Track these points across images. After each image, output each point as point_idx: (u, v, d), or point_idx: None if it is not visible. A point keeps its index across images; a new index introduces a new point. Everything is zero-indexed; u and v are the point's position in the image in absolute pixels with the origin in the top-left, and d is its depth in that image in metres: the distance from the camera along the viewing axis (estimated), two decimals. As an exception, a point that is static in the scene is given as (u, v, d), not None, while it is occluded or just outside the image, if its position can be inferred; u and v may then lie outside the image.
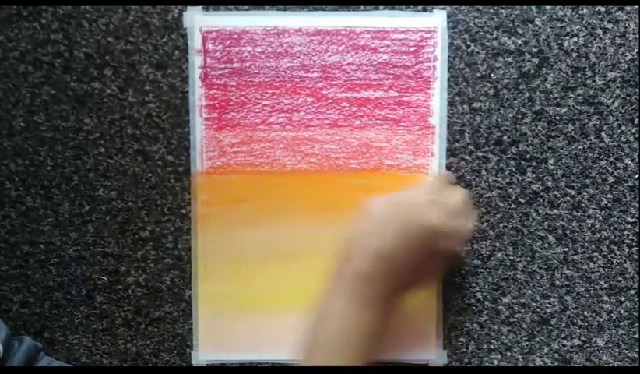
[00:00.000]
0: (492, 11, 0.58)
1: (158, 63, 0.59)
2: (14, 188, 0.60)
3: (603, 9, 0.58)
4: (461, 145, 0.59)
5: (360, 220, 0.52)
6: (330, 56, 0.59)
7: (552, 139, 0.59)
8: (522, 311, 0.60)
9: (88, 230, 0.60)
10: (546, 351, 0.60)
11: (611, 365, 0.60)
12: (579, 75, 0.59)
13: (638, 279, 0.59)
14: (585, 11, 0.58)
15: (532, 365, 0.61)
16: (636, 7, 0.58)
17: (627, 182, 0.59)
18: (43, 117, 0.60)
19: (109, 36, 0.59)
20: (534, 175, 0.59)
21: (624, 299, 0.60)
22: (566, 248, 0.60)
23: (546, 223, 0.60)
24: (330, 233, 0.59)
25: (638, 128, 0.59)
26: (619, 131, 0.59)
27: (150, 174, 0.60)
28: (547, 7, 0.58)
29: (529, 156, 0.59)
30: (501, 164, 0.59)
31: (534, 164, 0.59)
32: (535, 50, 0.58)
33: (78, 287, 0.61)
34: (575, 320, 0.60)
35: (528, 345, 0.61)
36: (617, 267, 0.60)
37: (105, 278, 0.61)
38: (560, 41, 0.58)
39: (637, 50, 0.58)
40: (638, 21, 0.58)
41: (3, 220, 0.60)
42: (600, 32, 0.58)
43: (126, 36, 0.59)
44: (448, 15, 0.58)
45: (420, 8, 0.59)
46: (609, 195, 0.59)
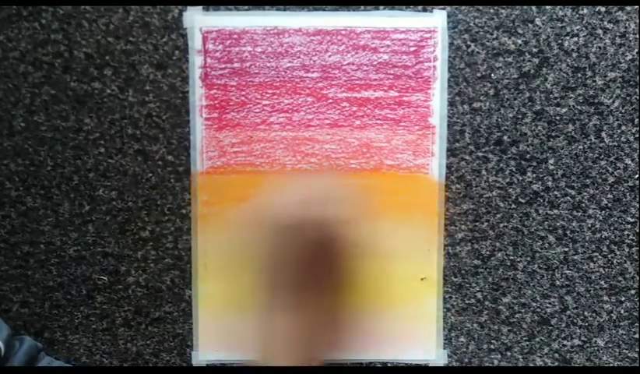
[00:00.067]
0: (492, 11, 0.58)
1: (158, 63, 0.59)
2: (14, 188, 0.60)
3: (603, 9, 0.58)
4: (461, 145, 0.59)
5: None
6: (330, 56, 0.59)
7: (552, 139, 0.59)
8: (522, 311, 0.60)
9: (88, 230, 0.60)
10: (546, 351, 0.60)
11: (611, 365, 0.60)
12: (579, 75, 0.59)
13: (638, 279, 0.59)
14: (585, 11, 0.58)
15: (532, 365, 0.61)
16: (636, 7, 0.58)
17: (627, 182, 0.59)
18: (43, 117, 0.59)
19: (109, 36, 0.59)
20: (534, 175, 0.59)
21: (624, 299, 0.60)
22: (566, 248, 0.60)
23: (546, 223, 0.60)
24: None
25: (638, 128, 0.59)
26: (619, 131, 0.59)
27: (150, 174, 0.60)
28: (547, 7, 0.58)
29: (529, 156, 0.59)
30: (501, 164, 0.59)
31: (534, 164, 0.59)
32: (535, 50, 0.58)
33: (78, 287, 0.61)
34: (575, 320, 0.60)
35: (528, 345, 0.61)
36: (617, 267, 0.60)
37: (105, 278, 0.61)
38: (560, 41, 0.58)
39: (637, 50, 0.58)
40: (638, 21, 0.58)
41: (3, 220, 0.60)
42: (600, 32, 0.58)
43: (126, 36, 0.59)
44: (448, 15, 0.58)
45: (420, 8, 0.59)
46: (609, 195, 0.59)
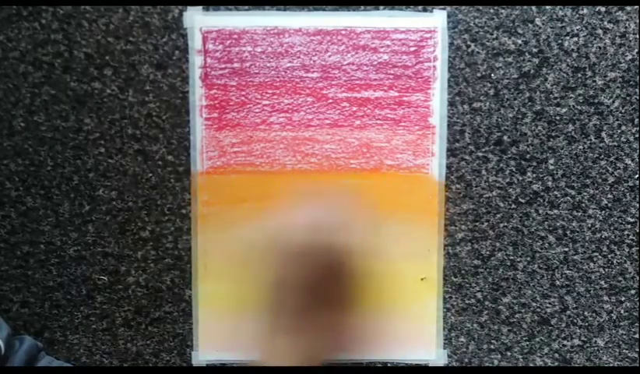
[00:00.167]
0: (492, 11, 0.58)
1: (158, 63, 0.59)
2: (14, 188, 0.60)
3: (603, 9, 0.58)
4: (461, 145, 0.59)
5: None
6: (330, 56, 0.59)
7: (552, 139, 0.59)
8: (522, 311, 0.60)
9: (88, 230, 0.60)
10: (546, 351, 0.60)
11: (611, 365, 0.60)
12: (579, 75, 0.59)
13: (638, 279, 0.59)
14: (585, 11, 0.58)
15: (532, 365, 0.61)
16: (636, 7, 0.58)
17: (627, 182, 0.59)
18: (43, 117, 0.59)
19: (109, 36, 0.59)
20: (534, 175, 0.59)
21: (624, 299, 0.60)
22: (566, 248, 0.60)
23: (546, 223, 0.60)
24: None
25: (638, 128, 0.59)
26: (619, 131, 0.59)
27: (150, 174, 0.60)
28: (547, 7, 0.58)
29: (529, 156, 0.59)
30: (501, 164, 0.59)
31: (534, 164, 0.59)
32: (535, 50, 0.58)
33: (78, 287, 0.61)
34: (575, 320, 0.60)
35: (528, 345, 0.61)
36: (617, 267, 0.60)
37: (105, 278, 0.61)
38: (560, 41, 0.58)
39: (637, 50, 0.58)
40: (638, 21, 0.58)
41: (3, 220, 0.60)
42: (600, 32, 0.58)
43: (126, 36, 0.59)
44: (448, 15, 0.58)
45: (420, 8, 0.59)
46: (609, 195, 0.59)
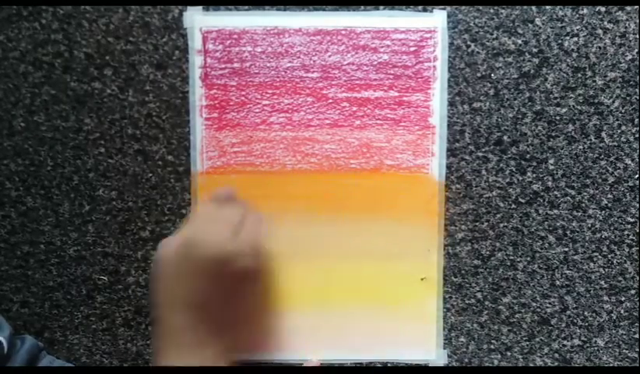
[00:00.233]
0: (492, 11, 0.58)
1: (158, 63, 0.59)
2: (14, 188, 0.60)
3: (603, 9, 0.58)
4: (461, 145, 0.59)
5: (158, 264, 0.50)
6: (330, 56, 0.59)
7: (552, 139, 0.59)
8: (522, 311, 0.60)
9: (88, 230, 0.60)
10: (546, 351, 0.60)
11: (611, 365, 0.60)
12: (579, 75, 0.59)
13: (638, 279, 0.59)
14: (585, 11, 0.58)
15: (532, 365, 0.61)
16: (636, 7, 0.58)
17: (627, 182, 0.59)
18: (43, 117, 0.59)
19: (109, 36, 0.59)
20: (534, 175, 0.59)
21: (624, 299, 0.60)
22: (566, 248, 0.60)
23: (546, 223, 0.60)
24: (330, 233, 0.59)
25: (638, 128, 0.59)
26: (619, 131, 0.59)
27: (150, 174, 0.60)
28: (547, 7, 0.58)
29: (529, 156, 0.59)
30: (501, 164, 0.59)
31: (534, 164, 0.59)
32: (535, 50, 0.58)
33: (78, 287, 0.61)
34: (575, 320, 0.60)
35: (528, 345, 0.61)
36: (617, 267, 0.60)
37: (105, 278, 0.61)
38: (560, 41, 0.58)
39: (637, 50, 0.58)
40: (638, 21, 0.58)
41: (3, 220, 0.60)
42: (600, 32, 0.58)
43: (126, 36, 0.59)
44: (448, 15, 0.58)
45: (420, 8, 0.59)
46: (609, 195, 0.59)
